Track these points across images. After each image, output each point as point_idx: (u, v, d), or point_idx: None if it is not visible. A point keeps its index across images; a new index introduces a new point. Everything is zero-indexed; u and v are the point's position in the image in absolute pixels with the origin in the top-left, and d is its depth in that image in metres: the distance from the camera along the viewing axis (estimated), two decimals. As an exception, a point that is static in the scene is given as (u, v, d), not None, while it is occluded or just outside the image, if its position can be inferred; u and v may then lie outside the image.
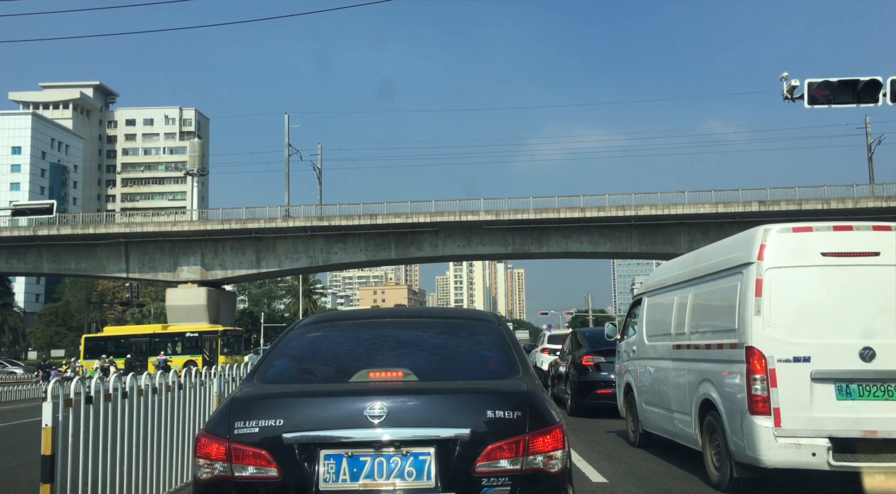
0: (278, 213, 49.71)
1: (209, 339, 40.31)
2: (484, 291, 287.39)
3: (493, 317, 4.41)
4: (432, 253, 50.28)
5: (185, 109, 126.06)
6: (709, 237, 41.07)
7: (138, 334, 43.28)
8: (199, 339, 40.82)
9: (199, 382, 6.95)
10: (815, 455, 5.60)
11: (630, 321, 9.93)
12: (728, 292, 6.44)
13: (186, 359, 32.29)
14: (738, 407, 6.04)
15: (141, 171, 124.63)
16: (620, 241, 48.33)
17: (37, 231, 49.13)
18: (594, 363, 12.66)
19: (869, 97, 13.82)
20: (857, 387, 5.71)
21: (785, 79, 14.67)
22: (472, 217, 47.53)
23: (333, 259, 50.52)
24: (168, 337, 41.86)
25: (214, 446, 3.20)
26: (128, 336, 43.09)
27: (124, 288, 79.36)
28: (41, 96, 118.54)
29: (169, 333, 42.38)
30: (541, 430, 3.18)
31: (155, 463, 5.91)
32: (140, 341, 42.00)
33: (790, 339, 5.82)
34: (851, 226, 6.16)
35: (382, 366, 3.63)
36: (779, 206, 44.93)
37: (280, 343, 4.09)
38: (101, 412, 5.14)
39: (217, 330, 41.57)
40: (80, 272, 53.79)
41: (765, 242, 6.05)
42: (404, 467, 3.12)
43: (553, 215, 47.11)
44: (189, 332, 41.72)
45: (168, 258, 50.39)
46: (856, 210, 43.76)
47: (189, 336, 41.29)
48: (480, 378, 3.64)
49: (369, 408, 3.14)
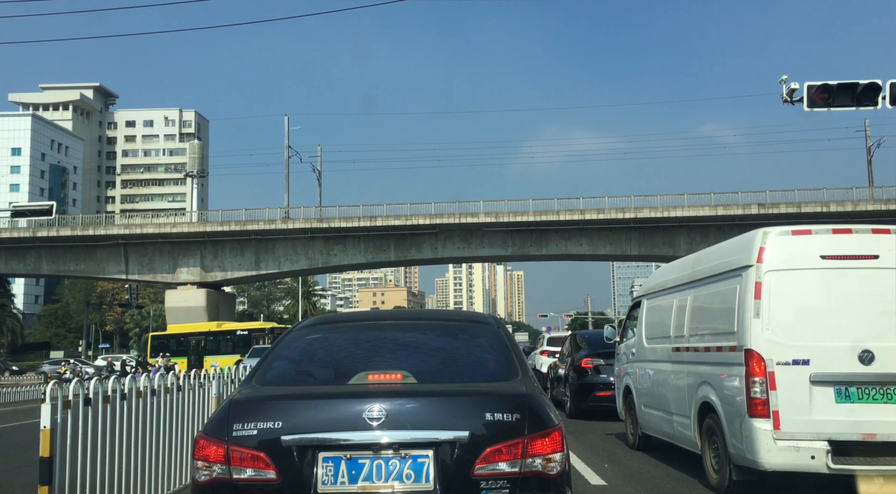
0: (278, 215, 49.72)
1: (257, 337, 40.38)
2: (483, 293, 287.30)
3: (492, 320, 4.41)
4: (432, 256, 50.27)
5: (184, 111, 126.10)
6: (708, 239, 41.08)
7: (195, 332, 43.50)
8: (249, 337, 40.96)
9: (198, 384, 6.95)
10: (815, 458, 5.60)
11: (629, 323, 9.92)
12: (727, 295, 6.44)
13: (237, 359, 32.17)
14: (737, 410, 6.03)
15: (140, 173, 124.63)
16: (620, 244, 48.33)
17: (36, 232, 49.11)
18: (593, 365, 12.65)
19: (868, 100, 13.85)
20: (856, 390, 5.70)
21: (784, 82, 14.69)
22: (472, 219, 47.52)
23: (333, 261, 50.50)
24: (221, 335, 42.09)
25: (213, 448, 3.19)
26: (186, 334, 43.28)
27: (123, 290, 79.41)
28: (41, 98, 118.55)
29: (222, 331, 42.63)
30: (540, 433, 3.17)
31: (154, 465, 5.90)
32: (197, 339, 42.26)
33: (789, 342, 5.81)
34: (850, 229, 6.16)
35: (381, 368, 3.62)
36: (778, 209, 44.94)
37: (279, 345, 4.08)
38: (100, 414, 5.14)
39: (265, 328, 41.72)
40: (79, 273, 53.75)
41: (764, 245, 6.05)
42: (403, 469, 3.12)
43: (552, 217, 47.10)
44: (239, 330, 42.00)
45: (167, 259, 50.38)
46: (855, 213, 43.79)
47: (239, 333, 41.47)
48: (479, 380, 3.63)
49: (368, 410, 3.14)
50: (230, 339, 41.33)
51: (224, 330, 42.56)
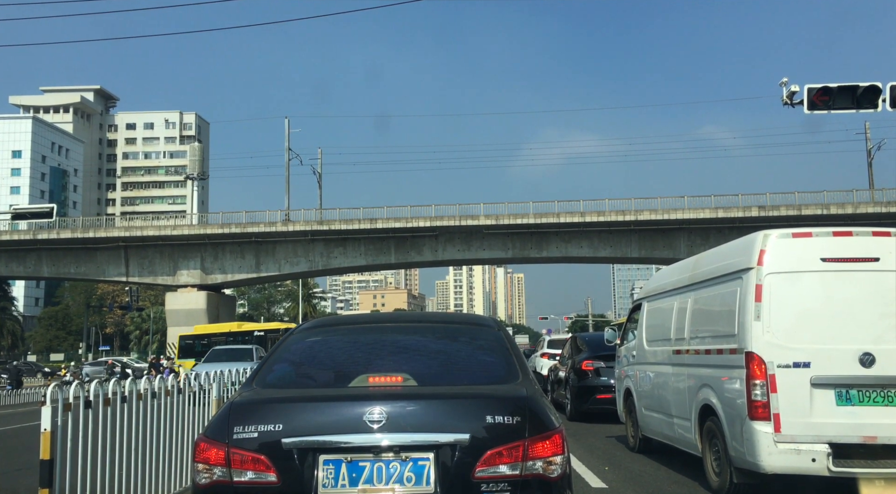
0: (278, 217, 49.73)
1: (272, 338, 40.46)
2: (484, 296, 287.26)
3: (493, 322, 4.41)
4: (432, 258, 50.28)
5: (185, 113, 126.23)
6: (709, 242, 41.11)
7: (218, 333, 43.69)
8: (265, 338, 41.09)
9: (198, 386, 6.95)
10: (815, 460, 5.59)
11: (630, 326, 9.92)
12: (728, 297, 6.44)
13: None
14: (738, 413, 6.03)
15: (141, 175, 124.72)
16: (620, 246, 48.33)
17: (37, 235, 49.12)
18: (594, 368, 12.65)
19: (868, 103, 13.86)
20: (856, 393, 5.70)
21: (784, 84, 14.70)
22: (472, 221, 47.54)
23: (333, 263, 50.51)
24: (240, 336, 42.27)
25: (213, 451, 3.19)
26: (209, 334, 43.47)
27: (124, 292, 79.35)
28: (42, 100, 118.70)
29: (241, 331, 42.82)
30: (540, 435, 3.17)
31: (154, 468, 5.90)
32: (219, 339, 42.43)
33: (790, 345, 5.81)
34: (851, 232, 6.16)
35: (382, 371, 3.62)
36: (778, 212, 44.94)
37: (279, 347, 4.08)
38: (101, 416, 5.14)
39: (279, 329, 41.84)
40: (79, 276, 53.77)
41: (764, 247, 6.05)
42: (403, 472, 3.12)
43: (553, 220, 47.12)
44: (257, 331, 42.19)
45: (168, 262, 50.39)
46: (856, 215, 43.80)
47: (257, 334, 41.61)
48: (480, 383, 3.63)
49: (369, 413, 3.14)
50: (248, 340, 41.51)
51: (244, 330, 42.86)
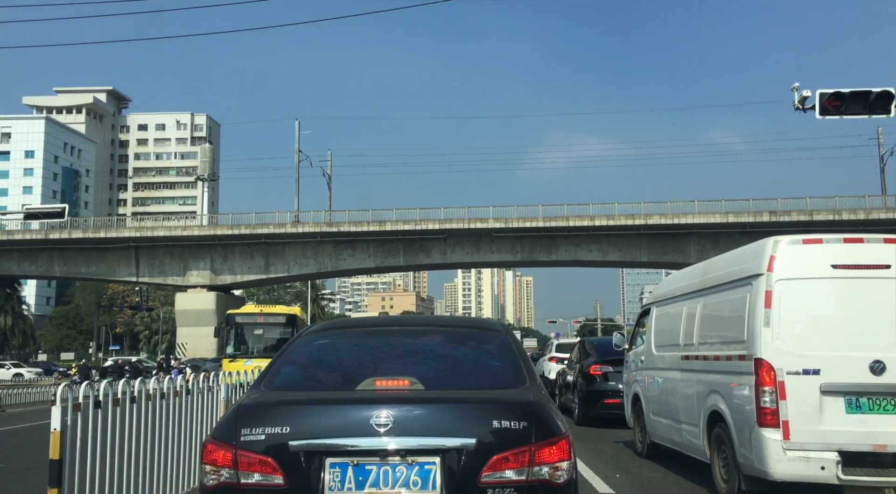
0: (288, 219, 49.92)
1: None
2: (492, 299, 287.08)
3: (500, 326, 4.41)
4: (441, 260, 50.32)
5: (196, 115, 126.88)
6: (719, 247, 40.91)
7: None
8: None
9: (206, 387, 6.97)
10: (825, 468, 5.56)
11: (638, 330, 9.89)
12: (737, 303, 6.41)
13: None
14: (747, 419, 6.00)
15: (152, 176, 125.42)
16: (629, 250, 48.23)
17: (48, 234, 49.49)
18: (602, 372, 12.61)
19: (881, 108, 13.75)
20: (867, 401, 5.66)
21: (796, 89, 14.60)
22: (481, 224, 47.54)
23: (342, 265, 50.64)
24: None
25: (221, 452, 3.20)
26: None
27: (134, 292, 79.79)
28: (55, 101, 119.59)
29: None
30: (547, 441, 3.17)
31: (162, 468, 5.92)
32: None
33: (800, 351, 5.78)
34: (862, 239, 6.12)
35: (389, 375, 3.63)
36: (789, 217, 44.72)
37: (287, 350, 4.09)
38: (110, 416, 5.16)
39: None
40: (90, 276, 54.15)
41: (775, 253, 6.02)
42: (410, 476, 3.12)
43: (562, 223, 47.08)
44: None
45: (178, 262, 50.66)
46: (867, 221, 43.53)
47: None
48: (487, 387, 3.62)
49: (375, 417, 3.14)
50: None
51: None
